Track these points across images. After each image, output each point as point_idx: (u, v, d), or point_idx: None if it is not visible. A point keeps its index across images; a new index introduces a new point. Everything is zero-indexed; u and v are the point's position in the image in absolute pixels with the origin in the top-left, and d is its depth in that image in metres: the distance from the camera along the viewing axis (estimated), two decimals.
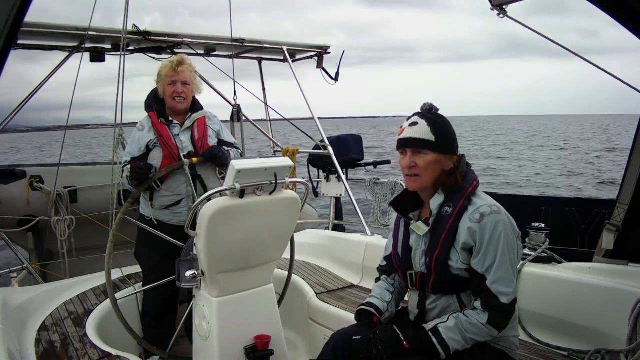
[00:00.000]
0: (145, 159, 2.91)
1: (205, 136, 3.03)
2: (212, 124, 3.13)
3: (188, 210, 2.96)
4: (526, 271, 2.71)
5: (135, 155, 2.92)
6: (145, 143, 2.93)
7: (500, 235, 1.72)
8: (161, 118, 2.98)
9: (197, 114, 3.05)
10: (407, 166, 1.84)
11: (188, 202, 2.97)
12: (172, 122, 3.00)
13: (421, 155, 1.82)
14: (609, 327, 2.38)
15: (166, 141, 2.92)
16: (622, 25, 2.41)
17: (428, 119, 1.84)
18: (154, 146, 2.93)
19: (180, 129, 2.99)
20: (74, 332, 2.69)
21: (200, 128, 3.04)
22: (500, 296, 1.71)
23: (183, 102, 2.97)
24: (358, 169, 6.25)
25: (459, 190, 1.82)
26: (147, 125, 2.98)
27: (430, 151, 1.81)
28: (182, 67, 2.96)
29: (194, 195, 2.95)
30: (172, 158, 2.91)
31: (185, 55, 3.11)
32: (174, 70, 2.94)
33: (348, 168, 5.91)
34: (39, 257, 4.91)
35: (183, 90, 2.95)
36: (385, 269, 2.17)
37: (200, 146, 2.99)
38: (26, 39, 4.24)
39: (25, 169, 4.83)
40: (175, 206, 2.95)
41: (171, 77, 2.94)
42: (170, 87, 2.94)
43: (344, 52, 5.69)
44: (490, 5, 3.25)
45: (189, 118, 3.02)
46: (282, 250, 2.48)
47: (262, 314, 2.41)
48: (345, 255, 3.79)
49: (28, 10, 2.11)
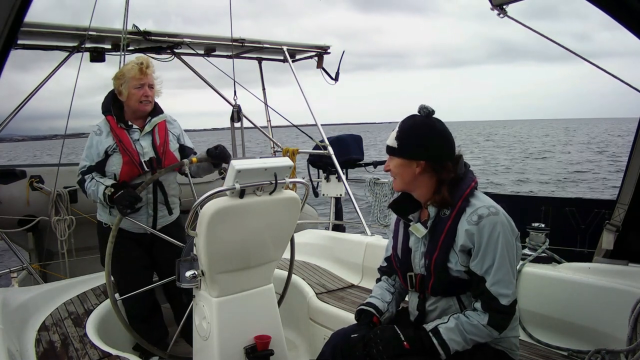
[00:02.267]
0: (104, 164, 2.82)
1: (166, 141, 2.96)
2: (172, 128, 3.05)
3: (147, 217, 2.90)
4: (526, 271, 2.71)
5: (95, 161, 2.82)
6: (104, 149, 2.82)
7: (498, 236, 1.71)
8: (120, 123, 2.87)
9: (157, 118, 2.96)
10: (384, 169, 1.98)
11: (148, 210, 2.90)
12: (132, 126, 2.90)
13: (391, 160, 1.91)
14: (609, 327, 2.38)
15: (126, 147, 2.82)
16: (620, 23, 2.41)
17: (401, 125, 1.88)
18: (113, 152, 2.82)
19: (140, 133, 2.90)
20: (74, 332, 2.69)
21: (162, 133, 2.96)
22: (500, 298, 1.71)
23: (149, 105, 2.90)
24: (358, 169, 6.25)
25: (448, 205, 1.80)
26: (105, 129, 2.87)
27: (395, 157, 1.89)
28: (149, 70, 2.89)
29: (154, 203, 2.89)
30: (133, 164, 2.82)
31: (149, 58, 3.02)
32: (142, 72, 2.84)
33: (348, 168, 5.91)
34: (39, 257, 4.91)
35: (150, 93, 2.88)
36: (385, 269, 2.17)
37: (162, 152, 2.91)
38: (26, 39, 4.24)
39: (25, 169, 4.83)
40: (135, 213, 2.78)
41: (139, 80, 2.84)
42: (137, 90, 2.84)
43: (344, 52, 5.70)
44: (491, 5, 3.26)
45: (148, 122, 2.93)
46: (282, 250, 2.48)
47: (262, 314, 2.41)
48: (345, 255, 3.79)
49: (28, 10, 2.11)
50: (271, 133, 6.12)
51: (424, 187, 1.86)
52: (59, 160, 4.56)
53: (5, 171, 4.68)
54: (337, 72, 5.66)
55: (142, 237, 2.94)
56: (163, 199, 2.93)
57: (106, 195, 2.72)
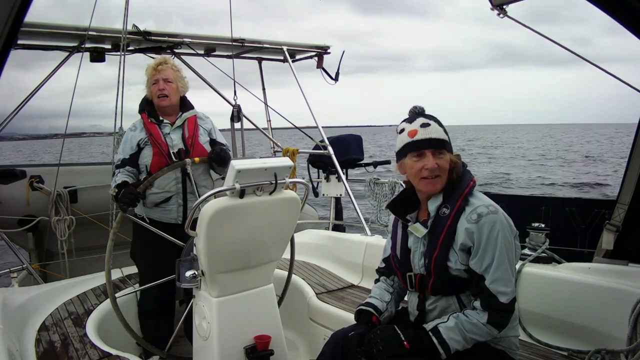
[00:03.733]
0: (137, 157, 2.96)
1: (196, 134, 3.07)
2: (203, 124, 3.18)
3: (177, 207, 3.00)
4: (526, 271, 2.71)
5: (128, 154, 2.96)
6: (136, 142, 2.97)
7: (497, 235, 1.72)
8: (151, 118, 3.03)
9: (187, 113, 3.10)
10: (432, 168, 1.78)
11: (178, 199, 3.00)
12: (163, 121, 3.05)
13: (441, 155, 1.81)
14: (609, 327, 2.38)
15: (156, 139, 2.96)
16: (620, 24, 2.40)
17: (435, 120, 1.86)
18: (145, 144, 2.97)
19: (171, 127, 3.04)
20: (74, 332, 2.69)
21: (191, 127, 3.08)
22: (500, 296, 1.71)
23: (166, 99, 3.00)
24: (358, 169, 6.25)
25: (456, 188, 1.82)
26: (139, 126, 3.04)
27: (447, 151, 1.83)
28: (163, 66, 3.02)
29: (184, 193, 2.98)
30: (162, 155, 2.95)
31: (168, 57, 3.19)
32: (155, 69, 3.00)
33: (348, 168, 5.91)
34: (39, 257, 4.92)
35: (165, 87, 2.98)
36: (383, 270, 2.17)
37: (191, 144, 3.02)
38: (26, 39, 4.24)
39: (25, 169, 4.83)
40: (165, 203, 2.98)
41: (154, 77, 3.00)
42: (154, 86, 3.00)
43: (344, 52, 5.70)
44: (491, 5, 3.26)
45: (179, 117, 3.07)
46: (282, 250, 2.48)
47: (262, 314, 2.41)
48: (345, 255, 3.79)
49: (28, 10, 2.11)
50: (271, 133, 6.12)
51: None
52: (59, 160, 4.56)
53: (5, 171, 4.68)
54: (337, 72, 5.67)
55: (172, 227, 2.96)
56: (193, 189, 2.98)
57: (112, 196, 2.87)
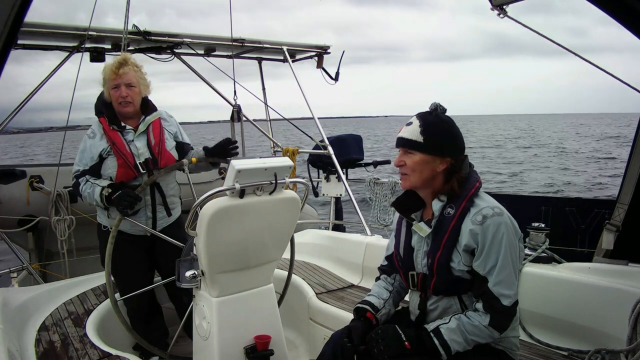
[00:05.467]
0: (99, 168, 2.75)
1: (162, 140, 2.85)
2: (168, 126, 2.95)
3: (146, 219, 2.82)
4: (526, 271, 2.71)
5: (88, 165, 2.74)
6: (98, 152, 2.74)
7: (502, 237, 1.71)
8: (112, 124, 2.77)
9: (150, 117, 2.86)
10: (396, 165, 1.90)
11: (146, 212, 2.82)
12: (125, 127, 2.80)
13: (409, 155, 1.85)
14: (609, 327, 2.38)
15: (120, 149, 2.73)
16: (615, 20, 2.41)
17: (424, 120, 1.85)
18: (108, 154, 2.74)
19: (134, 134, 2.80)
20: (74, 332, 2.69)
21: (156, 132, 2.85)
22: (502, 298, 1.71)
23: (129, 105, 2.76)
24: (358, 169, 6.26)
25: (457, 197, 1.81)
26: (99, 132, 2.78)
27: (417, 152, 1.83)
28: (124, 69, 2.73)
29: (153, 205, 2.82)
30: (128, 167, 2.73)
31: (128, 55, 2.88)
32: (115, 72, 2.72)
33: (348, 168, 5.92)
34: (39, 257, 4.92)
35: (128, 93, 2.74)
36: (386, 268, 2.17)
37: (158, 152, 2.81)
38: (26, 39, 4.25)
39: (25, 169, 4.84)
40: (133, 216, 2.72)
41: (114, 81, 2.73)
42: (114, 92, 2.74)
43: (344, 52, 5.70)
44: (491, 5, 3.26)
45: (142, 122, 2.83)
46: (282, 250, 2.48)
47: (262, 314, 2.41)
48: (345, 255, 3.79)
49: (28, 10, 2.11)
50: (271, 133, 6.12)
51: (436, 185, 1.86)
52: (59, 160, 4.57)
53: (5, 171, 4.68)
54: (337, 72, 5.67)
55: (142, 239, 2.89)
56: (161, 200, 2.86)
57: (103, 196, 2.66)
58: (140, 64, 2.88)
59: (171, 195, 2.95)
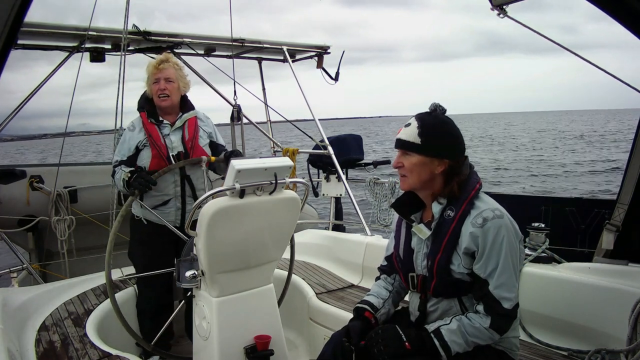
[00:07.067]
0: (135, 159, 2.90)
1: (195, 137, 3.01)
2: (203, 125, 3.11)
3: (176, 210, 2.95)
4: (526, 271, 2.71)
5: (126, 156, 2.90)
6: (135, 144, 2.91)
7: (503, 240, 1.71)
8: (151, 118, 2.96)
9: (187, 114, 3.03)
10: (394, 166, 1.90)
11: (176, 203, 2.95)
12: (162, 122, 2.97)
13: (407, 156, 1.85)
14: (609, 327, 2.38)
15: (155, 141, 2.90)
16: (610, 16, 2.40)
17: (422, 121, 1.84)
18: (144, 146, 2.91)
19: (170, 129, 2.97)
20: (74, 332, 2.69)
21: (191, 129, 3.01)
22: (503, 301, 1.71)
23: (167, 99, 2.94)
24: (358, 169, 6.25)
25: (457, 198, 1.81)
26: (138, 125, 2.96)
27: (415, 153, 1.82)
28: (164, 65, 2.94)
29: (182, 196, 2.94)
30: (161, 158, 2.88)
31: (170, 54, 3.10)
32: (156, 68, 2.93)
33: (348, 168, 5.91)
34: (39, 257, 4.92)
35: (166, 87, 2.92)
36: (385, 268, 2.16)
37: (190, 147, 2.96)
38: (26, 39, 4.24)
39: (25, 169, 4.84)
40: (163, 206, 2.92)
41: (154, 75, 2.94)
42: (154, 85, 2.93)
43: (344, 52, 5.70)
44: (491, 5, 3.26)
45: (179, 118, 3.00)
46: (282, 250, 2.48)
47: (262, 314, 2.41)
48: (345, 255, 3.79)
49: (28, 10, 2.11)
50: (271, 133, 6.12)
51: (435, 187, 1.85)
52: (59, 160, 4.57)
53: (5, 171, 4.68)
54: (337, 72, 5.67)
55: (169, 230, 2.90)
56: (191, 192, 2.96)
57: (124, 180, 2.78)
58: (181, 64, 3.09)
59: (200, 189, 3.03)
